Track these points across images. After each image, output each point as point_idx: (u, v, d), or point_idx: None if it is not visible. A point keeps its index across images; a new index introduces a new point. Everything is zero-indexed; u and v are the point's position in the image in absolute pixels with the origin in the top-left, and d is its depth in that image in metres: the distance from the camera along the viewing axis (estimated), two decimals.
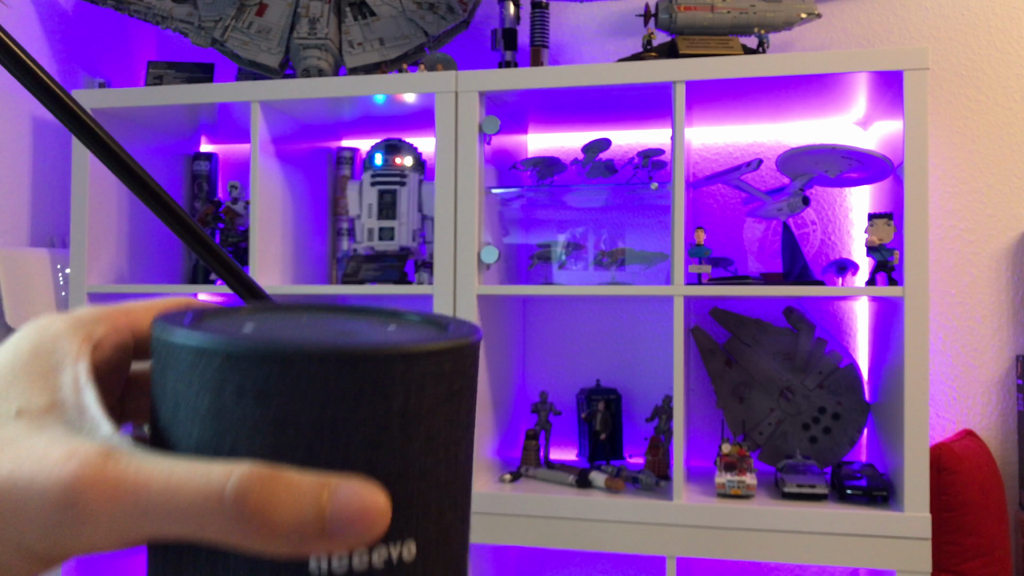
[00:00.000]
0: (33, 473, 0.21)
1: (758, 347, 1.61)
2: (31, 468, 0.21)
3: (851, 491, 1.37)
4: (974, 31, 1.65)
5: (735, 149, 1.73)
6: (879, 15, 1.69)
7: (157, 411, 0.24)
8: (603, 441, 1.63)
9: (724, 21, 1.51)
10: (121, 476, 0.21)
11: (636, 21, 1.77)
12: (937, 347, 1.63)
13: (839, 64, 1.34)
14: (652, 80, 1.40)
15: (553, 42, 1.81)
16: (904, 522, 1.30)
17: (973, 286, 1.62)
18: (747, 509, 1.35)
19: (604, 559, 1.76)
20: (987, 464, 1.50)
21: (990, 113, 1.63)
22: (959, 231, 1.63)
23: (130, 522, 0.21)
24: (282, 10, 1.67)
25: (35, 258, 1.59)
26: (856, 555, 1.32)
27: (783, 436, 1.58)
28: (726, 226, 1.72)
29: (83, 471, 0.21)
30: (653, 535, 1.38)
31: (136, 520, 0.21)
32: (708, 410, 1.71)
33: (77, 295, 1.57)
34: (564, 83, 1.43)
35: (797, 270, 1.48)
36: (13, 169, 1.62)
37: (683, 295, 1.38)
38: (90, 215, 1.58)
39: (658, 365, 1.73)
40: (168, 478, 0.21)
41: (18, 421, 0.23)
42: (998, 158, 1.63)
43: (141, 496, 0.21)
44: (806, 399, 1.57)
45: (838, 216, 1.68)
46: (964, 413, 1.62)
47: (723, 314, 1.64)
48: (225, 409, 0.22)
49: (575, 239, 1.64)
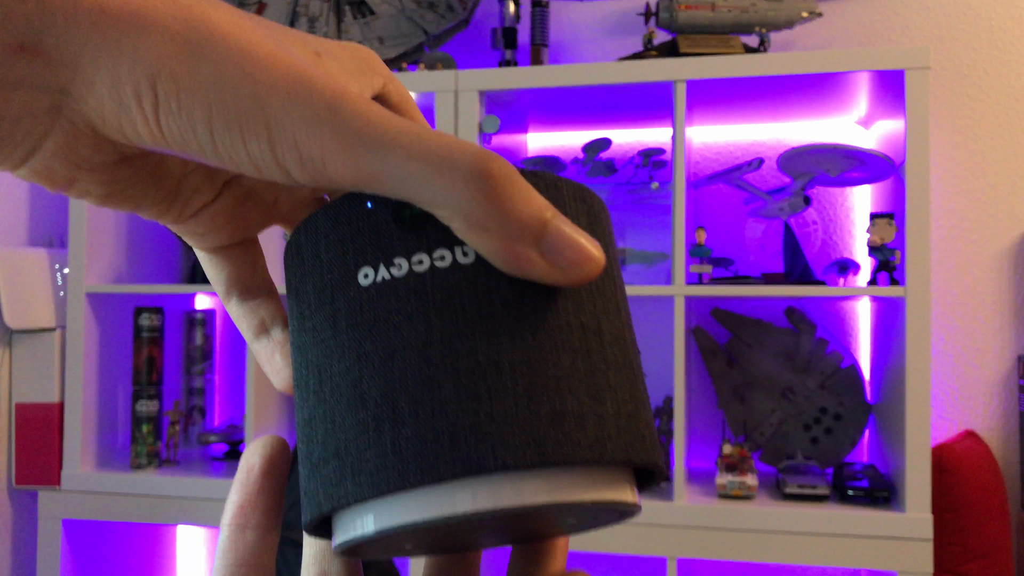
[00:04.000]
0: (312, 76, 0.21)
1: (759, 347, 1.60)
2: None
3: (852, 492, 1.37)
4: (976, 30, 1.64)
5: (736, 148, 1.73)
6: (880, 14, 1.68)
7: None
8: None
9: (725, 20, 1.50)
10: (380, 110, 0.21)
11: (637, 20, 1.77)
12: (939, 347, 1.63)
13: (840, 63, 1.34)
14: (653, 79, 1.39)
15: (553, 41, 1.80)
16: (905, 523, 1.29)
17: (975, 286, 1.62)
18: (748, 510, 1.35)
19: (604, 560, 1.75)
20: (989, 465, 1.49)
21: (992, 112, 1.63)
22: (961, 231, 1.63)
23: (372, 157, 0.21)
24: (281, 9, 1.66)
25: (33, 258, 1.58)
26: (857, 556, 1.31)
27: (784, 437, 1.57)
28: (727, 226, 1.71)
29: (352, 93, 0.21)
30: (653, 536, 1.37)
31: (378, 157, 0.21)
32: (709, 411, 1.71)
33: (76, 295, 1.57)
34: (564, 82, 1.43)
35: (798, 270, 1.48)
36: None
37: (684, 295, 1.37)
38: (88, 214, 1.57)
39: (659, 365, 1.73)
40: (420, 131, 0.21)
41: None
42: (1000, 157, 1.62)
43: (389, 135, 0.21)
44: (807, 399, 1.57)
45: (839, 216, 1.68)
46: (966, 414, 1.62)
47: (724, 314, 1.64)
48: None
49: None
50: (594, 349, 0.22)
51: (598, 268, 0.22)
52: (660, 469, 0.24)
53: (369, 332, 0.22)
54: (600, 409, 0.22)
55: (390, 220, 0.22)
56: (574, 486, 0.21)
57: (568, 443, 0.21)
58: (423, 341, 0.21)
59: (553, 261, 0.21)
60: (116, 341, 1.68)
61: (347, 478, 0.21)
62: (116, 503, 1.54)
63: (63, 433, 1.57)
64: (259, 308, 0.28)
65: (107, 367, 1.65)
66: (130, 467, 1.60)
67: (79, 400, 1.56)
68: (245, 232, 0.27)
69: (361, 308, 0.22)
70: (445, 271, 0.22)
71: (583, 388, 0.21)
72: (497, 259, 0.21)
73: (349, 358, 0.22)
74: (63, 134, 0.21)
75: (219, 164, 0.21)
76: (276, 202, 0.28)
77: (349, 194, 0.23)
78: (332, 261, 0.23)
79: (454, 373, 0.21)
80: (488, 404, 0.20)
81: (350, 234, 0.23)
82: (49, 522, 1.57)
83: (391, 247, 0.22)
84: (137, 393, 1.61)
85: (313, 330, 0.23)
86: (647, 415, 0.24)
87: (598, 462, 0.21)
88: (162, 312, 1.64)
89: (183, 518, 1.52)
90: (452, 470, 0.20)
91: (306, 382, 0.23)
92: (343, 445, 0.21)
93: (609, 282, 0.24)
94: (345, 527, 0.22)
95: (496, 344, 0.21)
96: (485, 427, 0.20)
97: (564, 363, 0.21)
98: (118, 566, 1.72)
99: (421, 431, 0.20)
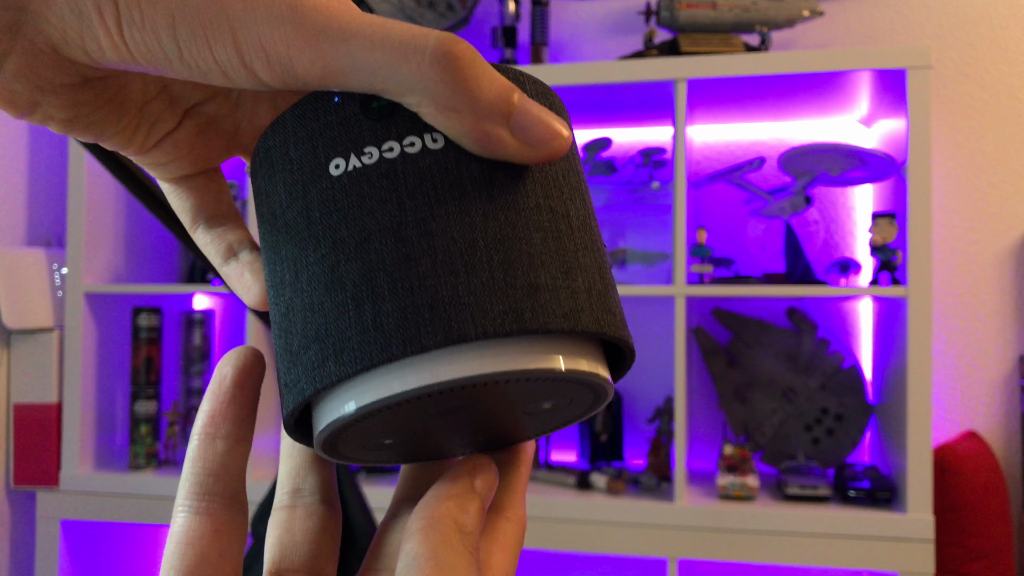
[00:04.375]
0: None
1: (760, 348, 1.60)
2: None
3: (854, 493, 1.36)
4: (977, 29, 1.63)
5: (737, 148, 1.72)
6: (882, 13, 1.67)
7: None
8: (604, 443, 1.62)
9: (726, 19, 1.49)
10: (340, 4, 0.21)
11: (637, 18, 1.76)
12: (940, 347, 1.62)
13: (842, 62, 1.33)
14: (653, 78, 1.39)
15: (553, 40, 1.79)
16: (907, 524, 1.29)
17: (977, 286, 1.61)
18: (749, 511, 1.34)
19: (605, 561, 1.74)
20: (990, 465, 1.49)
21: (993, 112, 1.62)
22: (962, 231, 1.62)
23: (337, 50, 0.21)
24: None
25: (32, 258, 1.58)
26: (859, 557, 1.31)
27: (785, 437, 1.57)
28: (728, 226, 1.71)
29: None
30: (654, 537, 1.37)
31: (343, 50, 0.21)
32: (710, 411, 1.70)
33: (74, 295, 1.56)
34: (564, 81, 1.42)
35: (799, 270, 1.47)
36: (9, 168, 1.61)
37: (685, 295, 1.37)
38: (87, 214, 1.57)
39: (659, 366, 1.72)
40: (382, 24, 0.21)
41: None
42: (1001, 157, 1.62)
43: (352, 27, 0.21)
44: (808, 400, 1.56)
45: (841, 215, 1.67)
46: (967, 414, 1.61)
47: (725, 314, 1.63)
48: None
49: None
50: (564, 231, 0.23)
51: (566, 144, 0.22)
52: (630, 347, 0.24)
53: (344, 218, 0.22)
54: (573, 284, 0.22)
55: (358, 112, 0.22)
56: (552, 356, 0.22)
57: (544, 312, 0.21)
58: (398, 223, 0.21)
59: (523, 139, 0.22)
60: (114, 341, 1.67)
61: (329, 359, 0.21)
62: (114, 504, 1.54)
63: (61, 433, 1.57)
64: (226, 234, 0.28)
65: (105, 367, 1.64)
66: (128, 468, 1.60)
67: (77, 400, 1.56)
68: (207, 161, 0.28)
69: (334, 197, 0.22)
70: (416, 156, 0.22)
71: (555, 265, 0.22)
72: (468, 140, 0.21)
73: (325, 246, 0.22)
74: (23, 54, 0.21)
75: (188, 75, 0.21)
76: (237, 132, 0.28)
77: (315, 92, 0.23)
78: (302, 156, 0.23)
79: (430, 250, 0.21)
80: (465, 277, 0.21)
81: (319, 128, 0.23)
82: (47, 522, 1.57)
83: (361, 137, 0.22)
84: (135, 393, 1.61)
85: (286, 226, 0.23)
86: (616, 297, 0.24)
87: (573, 331, 0.21)
88: (160, 312, 1.64)
89: None
90: (434, 339, 0.20)
91: (281, 278, 0.23)
92: (323, 328, 0.21)
93: (574, 176, 0.24)
94: (326, 416, 0.22)
95: (470, 223, 0.21)
96: (464, 298, 0.21)
97: (536, 241, 0.22)
98: (116, 567, 1.72)
99: (401, 305, 0.21)
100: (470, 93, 0.21)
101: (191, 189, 0.28)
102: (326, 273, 0.22)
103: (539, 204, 0.22)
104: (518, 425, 0.25)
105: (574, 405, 0.25)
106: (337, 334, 0.21)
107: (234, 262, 0.27)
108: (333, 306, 0.21)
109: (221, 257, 0.27)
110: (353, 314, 0.21)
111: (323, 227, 0.22)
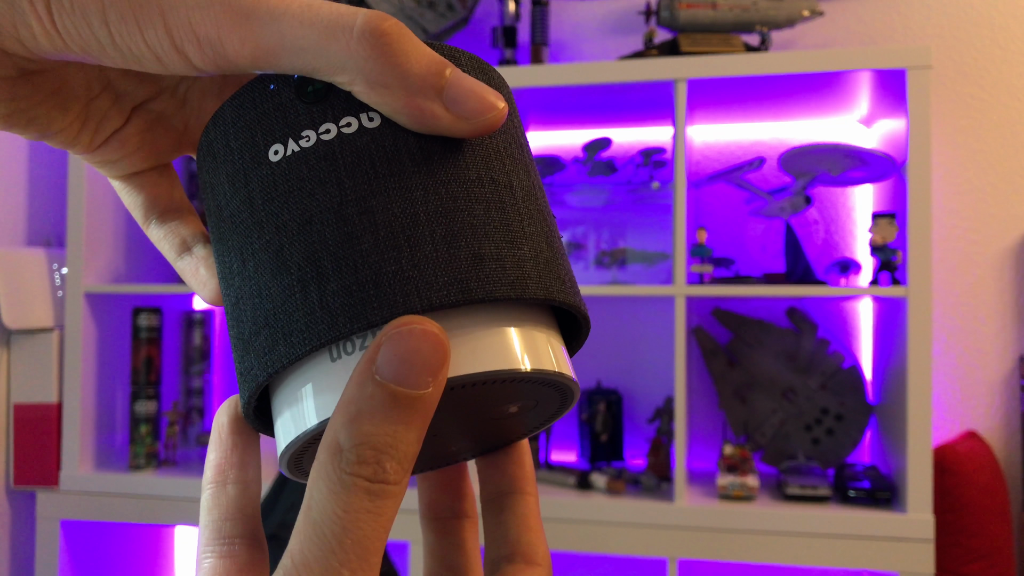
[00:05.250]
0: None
1: (760, 348, 1.60)
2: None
3: (854, 493, 1.36)
4: (977, 29, 1.63)
5: (737, 148, 1.72)
6: (882, 13, 1.67)
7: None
8: (604, 443, 1.62)
9: (726, 19, 1.49)
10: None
11: (637, 18, 1.76)
12: (940, 347, 1.62)
13: (842, 62, 1.33)
14: (653, 78, 1.39)
15: (553, 40, 1.79)
16: (907, 524, 1.29)
17: (977, 286, 1.61)
18: (749, 511, 1.34)
19: (605, 562, 1.74)
20: (990, 465, 1.49)
21: (993, 112, 1.62)
22: (962, 230, 1.62)
23: (266, 30, 0.21)
24: None
25: (31, 258, 1.58)
26: (859, 557, 1.31)
27: (785, 437, 1.57)
28: (728, 225, 1.71)
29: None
30: (654, 537, 1.37)
31: (272, 29, 0.21)
32: (710, 411, 1.70)
33: (74, 295, 1.56)
34: (564, 81, 1.42)
35: (799, 270, 1.47)
36: (9, 168, 1.61)
37: (685, 295, 1.36)
38: (87, 214, 1.57)
39: (659, 366, 1.72)
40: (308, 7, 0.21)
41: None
42: (1001, 157, 1.62)
43: (280, 7, 0.21)
44: (809, 400, 1.56)
45: (841, 215, 1.67)
46: (967, 414, 1.61)
47: (725, 314, 1.63)
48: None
49: (576, 238, 1.63)
50: (507, 201, 0.23)
51: (501, 116, 0.22)
52: (583, 314, 0.24)
53: (285, 202, 0.22)
54: (519, 253, 0.22)
55: (294, 97, 0.23)
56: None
57: (490, 281, 0.21)
58: (338, 202, 0.21)
59: (456, 112, 0.21)
60: (114, 341, 1.67)
61: (279, 342, 0.21)
62: (114, 504, 1.54)
63: (61, 433, 1.57)
64: (179, 228, 0.28)
65: (105, 367, 1.64)
66: (128, 468, 1.60)
67: (77, 400, 1.56)
68: (157, 158, 0.27)
69: (275, 182, 0.22)
70: (352, 136, 0.22)
71: (500, 235, 0.22)
72: (402, 116, 0.21)
73: (268, 231, 0.22)
74: None
75: (123, 62, 0.21)
76: (187, 129, 0.28)
77: (251, 81, 0.23)
78: (242, 146, 0.23)
79: (372, 228, 0.21)
80: (409, 252, 0.21)
81: (256, 117, 0.23)
82: (47, 523, 1.57)
83: (298, 122, 0.22)
84: (135, 393, 1.61)
85: (231, 217, 0.23)
86: (566, 265, 0.24)
87: (520, 299, 0.21)
88: (160, 312, 1.64)
89: (181, 519, 1.52)
90: (380, 315, 0.20)
91: (230, 268, 0.23)
92: (271, 313, 0.21)
93: (516, 148, 0.24)
94: (286, 420, 0.22)
95: (410, 198, 0.21)
96: (408, 272, 0.21)
97: (478, 212, 0.22)
98: (116, 567, 1.72)
99: (346, 284, 0.21)
100: (400, 68, 0.21)
101: (141, 185, 0.28)
102: (271, 258, 0.22)
103: (480, 176, 0.22)
104: (487, 431, 0.25)
105: (540, 407, 0.24)
106: (285, 317, 0.21)
107: (188, 257, 0.27)
108: (280, 290, 0.21)
109: (175, 252, 0.27)
110: (300, 296, 0.21)
111: (265, 213, 0.22)
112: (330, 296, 0.21)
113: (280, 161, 0.22)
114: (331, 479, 0.19)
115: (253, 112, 0.23)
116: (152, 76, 0.26)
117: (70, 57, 0.21)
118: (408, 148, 0.22)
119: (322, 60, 0.21)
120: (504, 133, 0.24)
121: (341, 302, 0.20)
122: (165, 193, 0.28)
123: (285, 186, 0.22)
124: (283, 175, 0.22)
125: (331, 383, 0.21)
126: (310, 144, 0.22)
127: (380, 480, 0.19)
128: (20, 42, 0.21)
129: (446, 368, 0.20)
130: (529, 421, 0.25)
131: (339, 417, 0.20)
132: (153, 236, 0.28)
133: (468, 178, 0.22)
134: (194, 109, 0.28)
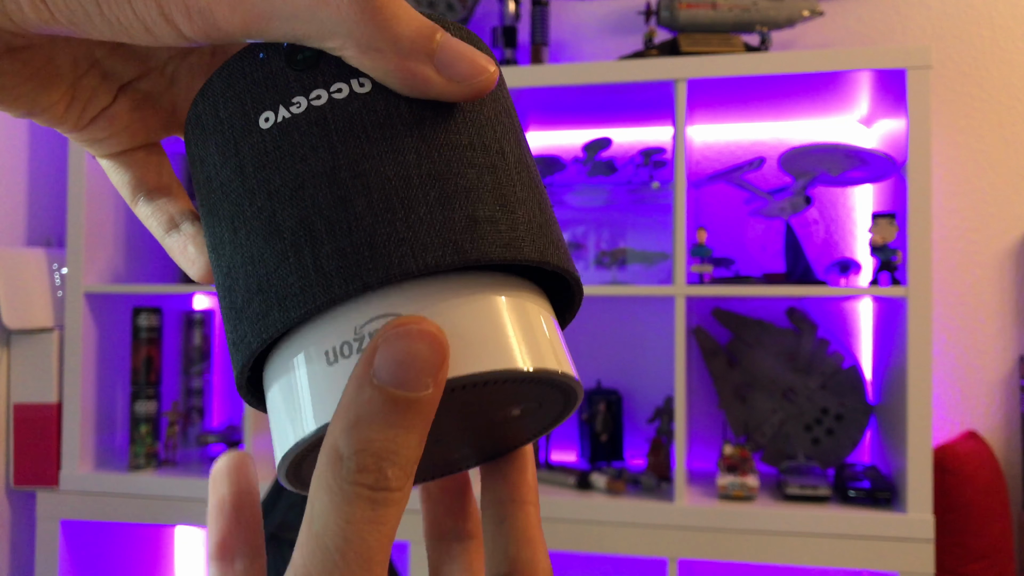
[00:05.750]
0: None
1: (760, 348, 1.60)
2: None
3: (854, 493, 1.36)
4: (977, 29, 1.63)
5: (737, 148, 1.72)
6: (882, 13, 1.67)
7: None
8: (604, 443, 1.62)
9: (726, 18, 1.49)
10: None
11: (637, 18, 1.76)
12: (940, 347, 1.62)
13: (842, 62, 1.33)
14: (653, 78, 1.39)
15: (553, 40, 1.79)
16: (907, 524, 1.29)
17: (977, 286, 1.61)
18: (749, 511, 1.34)
19: (605, 562, 1.74)
20: (990, 465, 1.49)
21: (993, 112, 1.62)
22: (962, 231, 1.62)
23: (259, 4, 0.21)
24: None
25: (31, 257, 1.58)
26: (859, 557, 1.31)
27: (785, 437, 1.57)
28: (728, 225, 1.71)
29: None
30: (654, 537, 1.37)
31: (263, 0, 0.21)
32: (710, 411, 1.70)
33: (74, 295, 1.56)
34: (564, 81, 1.42)
35: (799, 270, 1.47)
36: (9, 168, 1.61)
37: (685, 295, 1.36)
38: (87, 214, 1.57)
39: (659, 366, 1.72)
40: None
41: None
42: (1001, 157, 1.62)
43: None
44: (809, 400, 1.56)
45: (841, 215, 1.67)
46: (967, 414, 1.61)
47: (725, 314, 1.63)
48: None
49: (576, 238, 1.63)
50: (499, 166, 0.23)
51: (493, 79, 0.22)
52: (575, 278, 0.24)
53: (277, 168, 0.22)
54: (512, 216, 0.22)
55: (284, 65, 0.22)
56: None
57: (485, 243, 0.21)
58: (331, 167, 0.21)
59: (448, 75, 0.21)
60: (114, 341, 1.67)
61: (273, 307, 0.21)
62: (114, 504, 1.54)
63: (61, 433, 1.57)
64: (167, 205, 0.27)
65: (105, 367, 1.64)
66: (128, 468, 1.60)
67: (77, 400, 1.56)
68: (146, 137, 0.27)
69: (266, 149, 0.22)
70: (344, 101, 0.22)
71: (492, 199, 0.22)
72: (393, 80, 0.21)
73: (261, 198, 0.22)
74: None
75: (111, 34, 0.21)
76: (175, 110, 0.28)
77: (240, 51, 0.23)
78: (232, 116, 0.23)
79: (365, 190, 0.21)
80: (403, 214, 0.21)
81: (246, 86, 0.23)
82: (47, 523, 1.57)
83: (288, 89, 0.22)
84: (135, 393, 1.61)
85: (222, 186, 0.23)
86: (558, 231, 0.24)
87: (515, 261, 0.21)
88: (160, 312, 1.64)
89: (181, 519, 1.52)
90: (376, 277, 0.20)
91: (220, 239, 0.23)
92: (264, 279, 0.21)
93: (506, 116, 0.24)
94: (283, 439, 0.22)
95: (403, 161, 0.21)
96: (402, 234, 0.20)
97: (471, 176, 0.22)
98: (116, 567, 1.72)
99: (340, 247, 0.20)
100: (390, 31, 0.21)
101: (129, 163, 0.27)
102: (264, 224, 0.22)
103: (472, 142, 0.22)
104: (490, 436, 0.25)
105: (543, 409, 0.24)
106: (279, 281, 0.21)
107: (176, 234, 0.27)
108: (273, 255, 0.21)
109: (163, 228, 0.27)
110: (293, 260, 0.21)
111: (257, 180, 0.22)
112: (324, 259, 0.20)
113: (271, 128, 0.22)
114: (332, 490, 0.19)
115: (243, 81, 0.23)
116: (140, 54, 0.26)
117: (57, 30, 0.21)
118: (400, 113, 0.22)
119: (313, 26, 0.21)
120: (494, 101, 0.24)
121: (336, 264, 0.20)
122: (153, 171, 0.28)
123: (276, 152, 0.22)
124: (274, 142, 0.22)
125: (329, 387, 0.21)
126: (301, 110, 0.22)
127: (382, 488, 0.19)
128: (6, 15, 0.21)
129: (446, 368, 0.19)
130: (532, 425, 0.25)
131: (337, 423, 0.19)
132: (141, 214, 0.28)
133: (460, 143, 0.22)
134: (182, 88, 0.27)
